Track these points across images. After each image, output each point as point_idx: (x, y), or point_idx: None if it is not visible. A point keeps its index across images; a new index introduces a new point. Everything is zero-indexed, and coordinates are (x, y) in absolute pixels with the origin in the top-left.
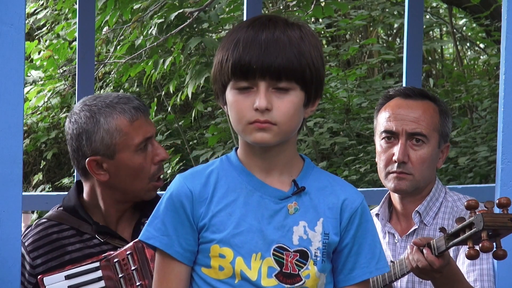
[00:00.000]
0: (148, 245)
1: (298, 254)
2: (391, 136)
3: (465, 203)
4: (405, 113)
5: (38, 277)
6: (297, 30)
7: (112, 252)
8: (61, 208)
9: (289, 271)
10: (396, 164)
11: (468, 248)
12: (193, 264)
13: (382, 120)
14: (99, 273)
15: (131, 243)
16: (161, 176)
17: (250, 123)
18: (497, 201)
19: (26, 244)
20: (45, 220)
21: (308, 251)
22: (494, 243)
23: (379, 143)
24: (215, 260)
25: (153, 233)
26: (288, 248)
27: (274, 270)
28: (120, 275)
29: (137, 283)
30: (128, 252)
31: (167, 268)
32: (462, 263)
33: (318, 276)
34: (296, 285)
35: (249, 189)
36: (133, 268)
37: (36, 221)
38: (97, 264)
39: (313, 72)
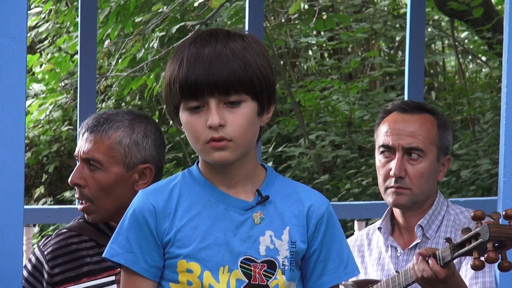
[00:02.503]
0: (113, 262)
1: (265, 264)
2: (388, 150)
3: (472, 213)
4: (401, 127)
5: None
6: (240, 41)
7: None
8: (82, 219)
9: (257, 283)
10: (393, 179)
11: (473, 258)
12: (161, 279)
13: (380, 135)
14: (114, 287)
15: None
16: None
17: (206, 142)
18: (503, 212)
19: (45, 253)
20: (66, 230)
21: (275, 261)
22: (500, 255)
23: (378, 158)
24: (182, 275)
25: (118, 250)
26: (255, 259)
27: (243, 282)
28: None
29: None
30: None
31: (133, 285)
32: (465, 276)
33: (288, 285)
34: None
35: (213, 201)
36: None
37: (57, 231)
38: (113, 278)
39: (262, 80)
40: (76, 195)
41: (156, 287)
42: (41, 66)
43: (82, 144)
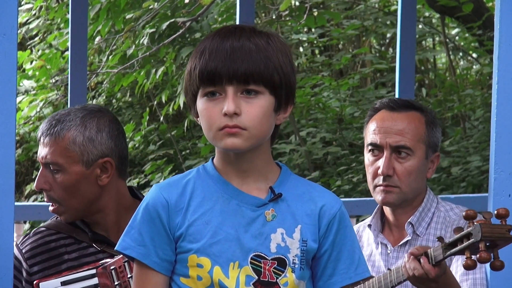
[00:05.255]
0: (125, 255)
1: (276, 262)
2: (376, 149)
3: (464, 213)
4: (389, 125)
5: (34, 282)
6: (264, 37)
7: (108, 260)
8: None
9: (267, 279)
10: (382, 177)
11: (465, 258)
12: (172, 274)
13: (368, 133)
14: (95, 280)
15: None
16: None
17: (220, 129)
18: (495, 211)
19: (23, 251)
20: (44, 228)
21: (286, 259)
22: (492, 254)
23: (367, 156)
24: (193, 270)
25: (130, 243)
26: (265, 256)
27: (252, 278)
28: (116, 283)
29: None
30: (124, 260)
31: (145, 278)
32: (455, 273)
33: (297, 283)
34: None
35: (226, 197)
36: (129, 276)
37: (35, 229)
38: (93, 271)
39: (282, 76)
40: (45, 199)
41: (167, 282)
42: (31, 62)
43: (41, 149)
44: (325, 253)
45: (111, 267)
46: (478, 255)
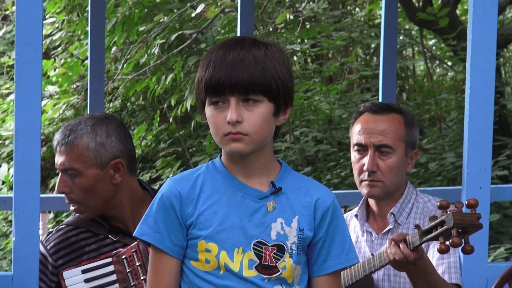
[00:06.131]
0: (142, 241)
1: (275, 248)
2: (361, 148)
3: (438, 203)
4: (372, 127)
5: (59, 271)
6: (263, 49)
7: (121, 249)
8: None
9: (267, 263)
10: (367, 173)
11: (439, 243)
12: (183, 258)
13: (354, 134)
14: (111, 268)
15: (135, 242)
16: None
17: (225, 135)
18: (466, 202)
19: (48, 247)
20: (64, 226)
21: (284, 245)
22: (463, 239)
23: (353, 154)
24: (202, 254)
25: (146, 230)
26: (266, 242)
27: (254, 262)
28: (128, 270)
29: (141, 278)
30: (133, 250)
31: (159, 261)
32: (432, 257)
33: (294, 267)
34: (274, 275)
35: (232, 190)
36: (137, 264)
37: (56, 227)
38: (109, 259)
39: (279, 84)
40: (66, 201)
41: (179, 265)
42: (55, 70)
43: (58, 157)
44: (319, 241)
45: (123, 256)
46: (451, 240)
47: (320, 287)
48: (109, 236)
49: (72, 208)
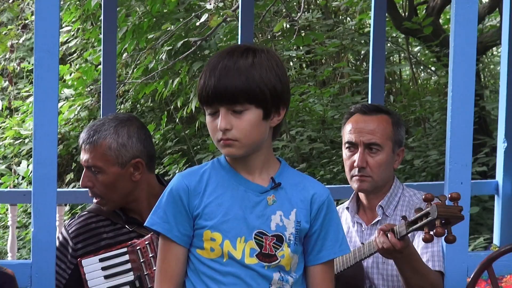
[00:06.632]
0: (152, 230)
1: (275, 238)
2: (352, 146)
3: (423, 196)
4: (362, 126)
5: (78, 259)
6: (250, 58)
7: (136, 240)
8: None
9: (267, 252)
10: (357, 169)
11: (424, 233)
12: (190, 246)
13: (345, 133)
14: (126, 257)
15: (149, 235)
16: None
17: (218, 140)
18: (449, 195)
19: (69, 231)
20: (86, 212)
21: (283, 236)
22: (446, 230)
23: (344, 152)
24: (207, 243)
25: (156, 221)
26: (266, 233)
27: (255, 251)
28: (141, 260)
29: (154, 268)
30: (146, 242)
31: (168, 249)
32: (417, 246)
33: (291, 256)
34: (273, 263)
35: (235, 184)
36: (151, 255)
37: (79, 213)
38: (125, 249)
39: (265, 90)
40: (90, 195)
41: (186, 253)
42: (70, 74)
43: (83, 155)
44: (315, 232)
45: (137, 247)
46: (435, 230)
47: (315, 275)
48: (126, 226)
49: (94, 201)
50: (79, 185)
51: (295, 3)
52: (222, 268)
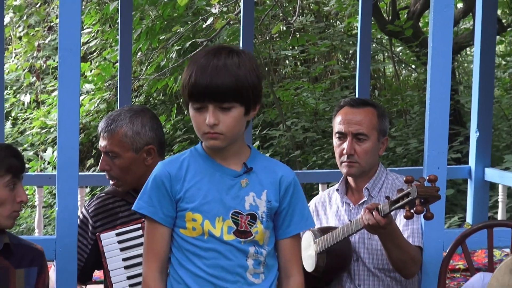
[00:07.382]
0: (139, 213)
1: (249, 216)
2: (341, 135)
3: (404, 178)
4: (351, 118)
5: (97, 234)
6: (236, 59)
7: None
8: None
9: (243, 229)
10: (346, 156)
11: (405, 211)
12: (173, 226)
13: (335, 124)
14: (140, 232)
15: None
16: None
17: (204, 133)
18: (427, 177)
19: (89, 211)
20: (104, 194)
21: (256, 214)
22: (425, 208)
23: (335, 140)
24: (189, 223)
25: (143, 205)
26: (242, 212)
27: (232, 228)
28: None
29: None
30: None
31: (154, 230)
32: (399, 223)
33: (264, 232)
34: (248, 239)
35: (212, 170)
36: None
37: (97, 195)
38: (139, 225)
39: (249, 90)
40: (107, 177)
41: (170, 233)
42: (91, 71)
43: (101, 141)
44: (284, 210)
45: None
46: (415, 208)
47: (285, 247)
48: None
49: (111, 182)
50: (98, 169)
51: (291, 8)
52: (204, 245)
